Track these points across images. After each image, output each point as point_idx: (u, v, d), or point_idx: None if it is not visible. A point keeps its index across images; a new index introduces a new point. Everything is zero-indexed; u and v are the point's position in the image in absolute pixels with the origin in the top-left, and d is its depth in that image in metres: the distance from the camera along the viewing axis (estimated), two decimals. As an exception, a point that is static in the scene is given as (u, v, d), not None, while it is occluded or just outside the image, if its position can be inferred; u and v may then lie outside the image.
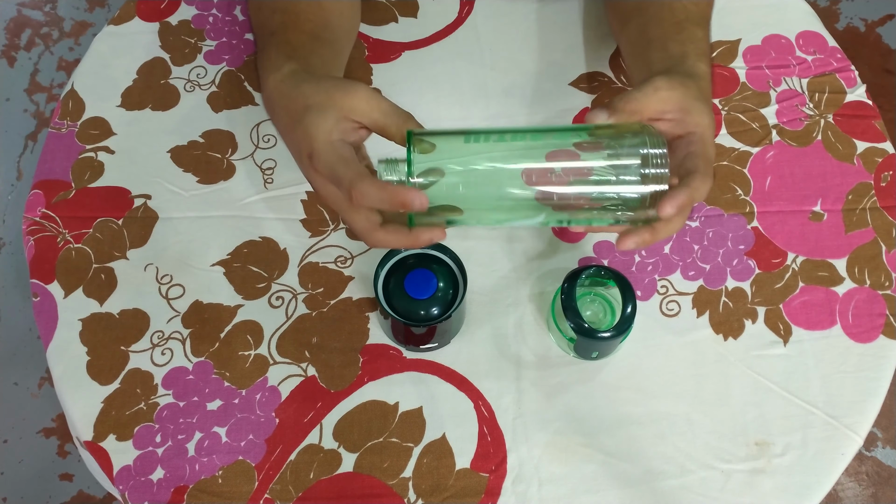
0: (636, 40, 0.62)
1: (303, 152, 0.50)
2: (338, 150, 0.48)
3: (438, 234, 0.49)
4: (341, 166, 0.48)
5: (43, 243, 0.65)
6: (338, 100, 0.49)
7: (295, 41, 0.57)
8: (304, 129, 0.49)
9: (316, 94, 0.50)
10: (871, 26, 1.54)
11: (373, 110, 0.49)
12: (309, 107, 0.50)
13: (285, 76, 0.53)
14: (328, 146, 0.48)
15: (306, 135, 0.49)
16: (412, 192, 0.45)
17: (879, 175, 0.68)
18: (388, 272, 0.57)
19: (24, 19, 1.58)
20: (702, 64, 0.56)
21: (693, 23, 0.59)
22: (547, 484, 0.57)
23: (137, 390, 0.60)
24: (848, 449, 0.58)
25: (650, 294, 0.64)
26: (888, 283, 0.64)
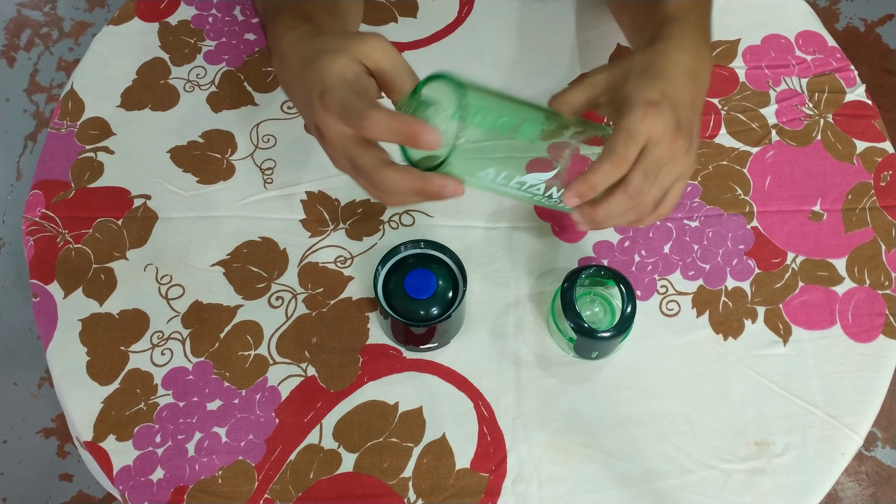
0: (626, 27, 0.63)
1: (313, 93, 0.48)
2: (351, 84, 0.47)
3: (453, 185, 0.45)
4: (355, 98, 0.46)
5: (43, 243, 0.65)
6: (354, 45, 0.48)
7: (309, 10, 0.56)
8: (316, 68, 0.48)
9: (331, 41, 0.49)
10: (871, 26, 1.54)
11: (386, 59, 0.48)
12: (324, 49, 0.48)
13: (302, 33, 0.52)
14: (341, 82, 0.47)
15: (319, 74, 0.47)
16: (425, 126, 0.43)
17: (879, 175, 0.68)
18: (387, 272, 0.57)
19: (23, 19, 1.58)
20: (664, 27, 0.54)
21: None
22: (547, 484, 0.57)
23: (137, 390, 0.60)
24: (848, 449, 0.58)
25: (650, 294, 0.64)
26: (888, 283, 0.64)
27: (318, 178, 0.68)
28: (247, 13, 0.77)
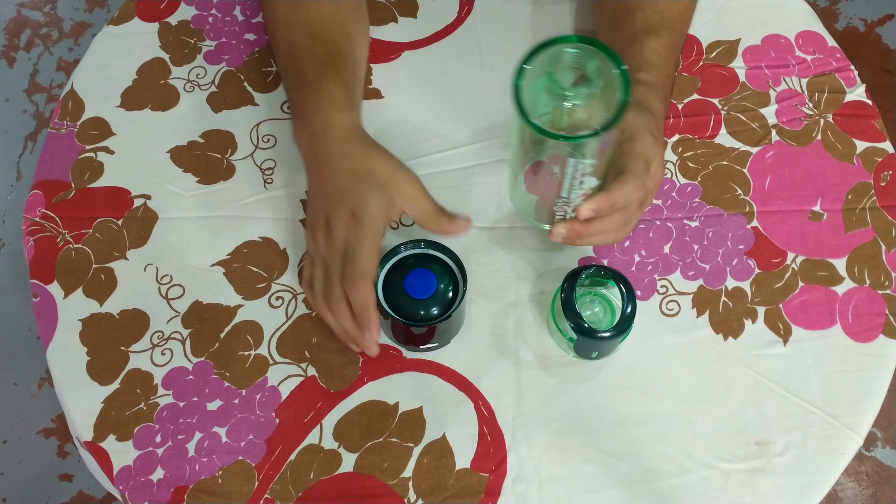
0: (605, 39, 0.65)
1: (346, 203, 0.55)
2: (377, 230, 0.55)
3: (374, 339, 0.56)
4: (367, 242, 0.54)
5: (43, 243, 0.65)
6: (398, 183, 0.56)
7: (348, 81, 0.62)
8: (362, 190, 0.55)
9: (382, 167, 0.56)
10: (871, 26, 1.54)
11: (417, 201, 0.56)
12: (372, 172, 0.55)
13: (353, 125, 0.59)
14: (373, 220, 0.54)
15: (361, 199, 0.54)
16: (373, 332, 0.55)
17: (879, 175, 0.68)
18: (387, 272, 0.57)
19: (23, 20, 1.58)
20: (641, 73, 0.58)
21: (648, 32, 0.61)
22: (547, 484, 0.57)
23: (137, 390, 0.60)
24: (848, 448, 0.58)
25: (650, 294, 0.64)
26: (888, 283, 0.64)
27: (318, 178, 0.68)
28: (247, 13, 0.77)
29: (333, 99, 0.58)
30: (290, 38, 0.64)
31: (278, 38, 0.67)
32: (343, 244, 0.55)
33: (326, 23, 0.63)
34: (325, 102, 0.58)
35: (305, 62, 0.62)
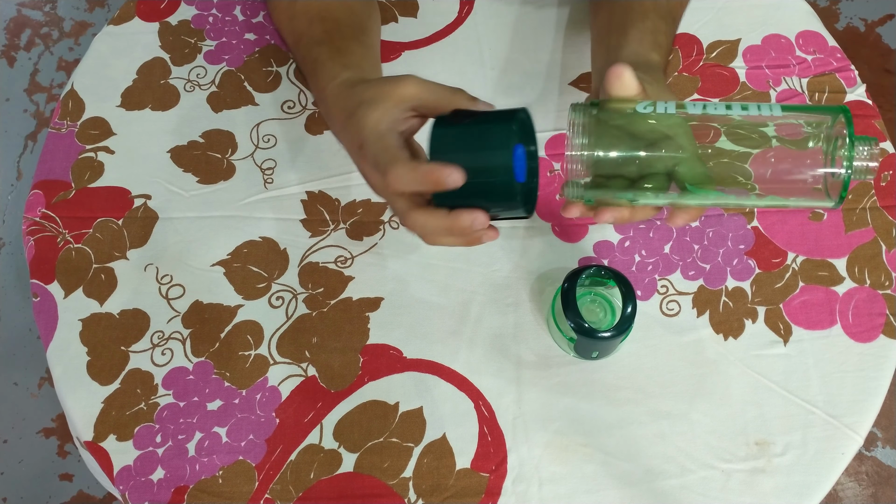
0: (602, 27, 0.63)
1: (354, 144, 0.51)
2: (383, 137, 0.49)
3: (480, 217, 0.47)
4: (382, 153, 0.48)
5: (43, 243, 0.65)
6: (388, 91, 0.50)
7: (345, 49, 0.60)
8: (355, 121, 0.51)
9: (368, 90, 0.52)
10: (871, 26, 1.54)
11: (422, 92, 0.50)
12: (361, 102, 0.51)
13: (343, 81, 0.55)
14: (374, 134, 0.49)
15: (357, 126, 0.50)
16: (445, 169, 0.44)
17: (879, 174, 0.68)
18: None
19: (23, 19, 1.58)
20: (655, 55, 0.57)
21: (658, 15, 0.60)
22: (547, 484, 0.57)
23: (137, 390, 0.60)
24: (848, 448, 0.58)
25: (650, 294, 0.64)
26: (888, 283, 0.64)
27: (318, 178, 0.68)
28: (247, 13, 0.77)
29: (328, 73, 0.57)
30: (293, 28, 0.64)
31: (285, 33, 0.66)
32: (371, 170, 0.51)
33: (325, 4, 0.63)
34: (322, 80, 0.57)
35: (306, 48, 0.61)
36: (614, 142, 0.45)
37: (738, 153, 0.45)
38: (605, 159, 0.45)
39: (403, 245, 0.65)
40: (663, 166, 0.45)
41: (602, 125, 0.45)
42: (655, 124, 0.45)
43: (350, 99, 0.53)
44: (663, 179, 0.45)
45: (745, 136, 0.45)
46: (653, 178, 0.45)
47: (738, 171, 0.45)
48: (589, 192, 0.46)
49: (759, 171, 0.44)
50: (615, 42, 0.59)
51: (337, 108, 0.54)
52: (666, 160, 0.45)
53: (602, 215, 0.49)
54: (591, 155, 0.45)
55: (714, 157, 0.45)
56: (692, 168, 0.45)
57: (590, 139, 0.45)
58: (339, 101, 0.54)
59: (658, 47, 0.58)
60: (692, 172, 0.44)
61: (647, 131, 0.45)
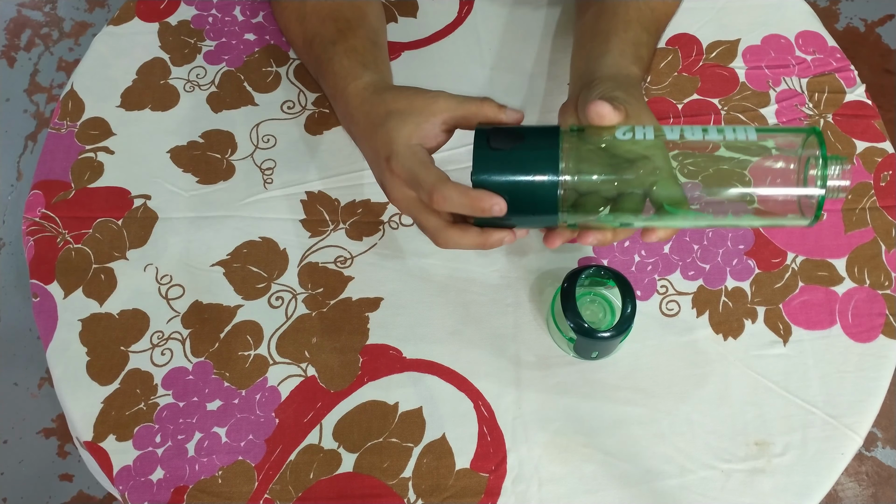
0: (585, 30, 0.63)
1: (381, 155, 0.51)
2: (416, 153, 0.50)
3: (508, 236, 0.49)
4: (422, 169, 0.49)
5: (43, 244, 0.65)
6: (420, 106, 0.51)
7: (360, 47, 0.60)
8: (384, 132, 0.51)
9: (397, 101, 0.52)
10: (871, 26, 1.54)
11: (453, 107, 0.50)
12: (391, 112, 0.51)
13: (367, 84, 0.55)
14: (407, 149, 0.50)
15: (386, 138, 0.50)
16: (491, 199, 0.46)
17: (879, 175, 0.68)
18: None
19: (24, 19, 1.58)
20: (635, 67, 0.57)
21: (642, 26, 0.60)
22: (547, 484, 0.57)
23: (137, 390, 0.60)
24: (848, 449, 0.58)
25: (650, 294, 0.64)
26: (888, 283, 0.64)
27: (318, 178, 0.68)
28: (247, 13, 0.77)
29: (346, 72, 0.57)
30: (304, 29, 0.64)
31: (294, 35, 0.66)
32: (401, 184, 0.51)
33: (335, 4, 0.63)
34: (341, 79, 0.57)
35: (319, 47, 0.61)
36: (595, 168, 0.46)
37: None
38: (588, 184, 0.46)
39: (403, 245, 0.65)
40: (643, 189, 0.46)
41: (582, 151, 0.46)
42: (634, 147, 0.46)
43: (376, 106, 0.53)
44: (642, 201, 0.46)
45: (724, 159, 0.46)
46: (632, 200, 0.46)
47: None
48: (571, 217, 0.47)
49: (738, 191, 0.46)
50: (597, 50, 0.59)
51: (361, 112, 0.54)
52: (646, 183, 0.46)
53: (585, 238, 0.49)
54: (573, 181, 0.46)
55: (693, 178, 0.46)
56: (670, 189, 0.45)
57: (570, 165, 0.46)
58: (363, 106, 0.54)
59: (639, 60, 0.58)
60: (670, 193, 0.45)
61: (626, 153, 0.46)
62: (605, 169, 0.46)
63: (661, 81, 0.72)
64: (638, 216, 0.46)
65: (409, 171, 0.49)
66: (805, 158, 0.44)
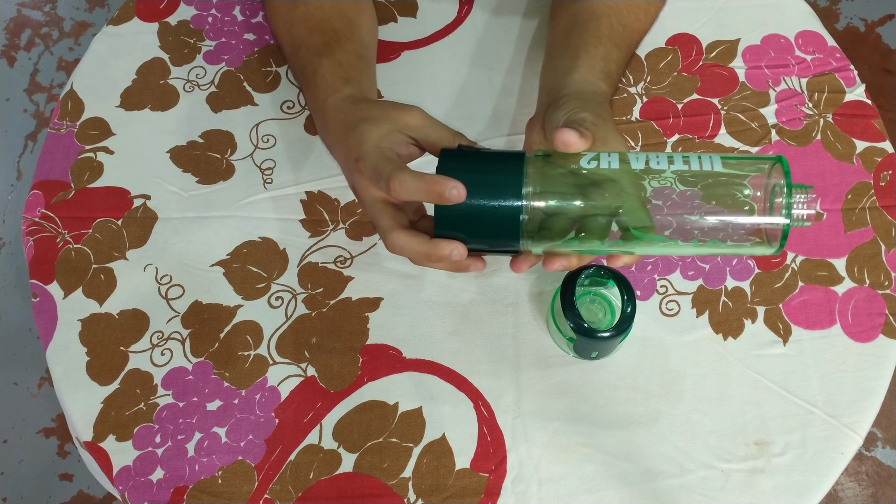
0: (556, 44, 0.64)
1: (351, 157, 0.51)
2: (384, 151, 0.50)
3: (459, 248, 0.47)
4: (384, 163, 0.49)
5: (42, 244, 0.65)
6: (393, 115, 0.51)
7: (345, 62, 0.60)
8: (356, 135, 0.51)
9: (373, 110, 0.53)
10: (871, 26, 1.54)
11: (426, 126, 0.51)
12: (364, 118, 0.52)
13: (345, 97, 0.56)
14: (375, 150, 0.50)
15: (357, 140, 0.51)
16: (448, 182, 0.44)
17: (879, 174, 0.68)
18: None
19: (24, 19, 1.58)
20: (603, 84, 0.57)
21: (613, 42, 0.60)
22: (547, 484, 0.57)
23: (137, 391, 0.60)
24: (847, 448, 0.58)
25: (650, 294, 0.64)
26: (888, 283, 0.64)
27: (318, 178, 0.68)
28: (246, 13, 0.77)
29: (328, 85, 0.58)
30: (292, 36, 0.64)
31: (282, 40, 0.67)
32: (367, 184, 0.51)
33: (324, 14, 0.63)
34: (321, 91, 0.58)
35: (305, 57, 0.62)
36: (560, 193, 0.46)
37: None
38: (553, 210, 0.46)
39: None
40: (609, 213, 0.46)
41: (547, 176, 0.46)
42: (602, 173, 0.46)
43: (352, 114, 0.53)
44: (608, 226, 0.46)
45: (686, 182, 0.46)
46: (598, 224, 0.46)
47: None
48: (536, 243, 0.47)
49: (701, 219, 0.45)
50: (566, 65, 0.58)
51: (335, 120, 0.55)
52: (611, 209, 0.46)
53: (551, 265, 0.49)
54: (538, 206, 0.45)
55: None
56: (637, 215, 0.45)
57: (535, 190, 0.46)
58: (338, 115, 0.55)
59: (608, 76, 0.58)
60: (637, 219, 0.45)
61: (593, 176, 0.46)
62: (571, 194, 0.46)
63: (661, 81, 0.72)
64: (604, 241, 0.46)
65: (373, 167, 0.49)
66: (771, 186, 0.44)
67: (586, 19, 0.62)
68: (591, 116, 0.51)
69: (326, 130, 0.56)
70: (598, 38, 0.60)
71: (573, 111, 0.52)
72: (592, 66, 0.58)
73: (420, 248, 0.49)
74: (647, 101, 0.71)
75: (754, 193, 0.45)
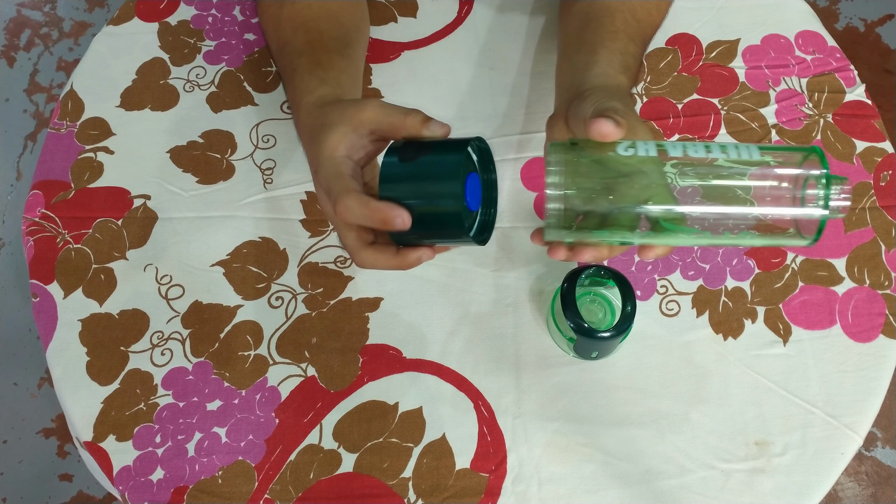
0: (570, 41, 0.63)
1: (312, 167, 0.52)
2: (337, 164, 0.49)
3: (427, 253, 0.49)
4: (335, 180, 0.48)
5: (42, 244, 0.65)
6: (348, 115, 0.51)
7: (325, 61, 0.60)
8: (315, 144, 0.51)
9: (332, 113, 0.52)
10: (871, 26, 1.54)
11: (379, 116, 0.50)
12: (324, 125, 0.51)
13: (317, 98, 0.56)
14: (329, 161, 0.50)
15: (316, 150, 0.51)
16: (394, 210, 0.45)
17: (879, 174, 0.68)
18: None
19: (23, 19, 1.58)
20: (623, 77, 0.57)
21: (629, 36, 0.60)
22: (547, 484, 0.57)
23: (137, 391, 0.60)
24: (847, 448, 0.58)
25: (650, 294, 0.64)
26: (888, 283, 0.64)
27: (317, 178, 0.68)
28: (247, 13, 0.77)
29: (304, 85, 0.57)
30: (279, 35, 0.64)
31: (270, 39, 0.67)
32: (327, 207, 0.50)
33: (311, 14, 0.63)
34: (299, 92, 0.57)
35: (288, 57, 0.62)
36: (595, 184, 0.45)
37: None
38: (587, 202, 0.45)
39: (403, 245, 0.65)
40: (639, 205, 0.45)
41: (582, 167, 0.45)
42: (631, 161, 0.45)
43: (317, 119, 0.53)
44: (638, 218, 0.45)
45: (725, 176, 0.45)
46: (631, 217, 0.45)
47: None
48: (570, 234, 0.46)
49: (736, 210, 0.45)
50: (583, 61, 0.58)
51: (305, 125, 0.55)
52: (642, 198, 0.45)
53: (582, 255, 0.49)
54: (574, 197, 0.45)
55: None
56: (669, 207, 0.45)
57: (569, 181, 0.45)
58: (308, 120, 0.54)
59: (627, 70, 0.58)
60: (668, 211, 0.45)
61: (622, 167, 0.45)
62: (608, 185, 0.45)
63: (661, 81, 0.72)
64: (634, 233, 0.46)
65: (327, 182, 0.49)
66: (804, 177, 0.44)
67: (600, 15, 0.62)
68: (621, 105, 0.50)
69: (301, 137, 0.57)
70: (615, 33, 0.60)
71: (601, 101, 0.51)
72: (611, 60, 0.57)
73: (389, 262, 0.50)
74: (647, 101, 0.71)
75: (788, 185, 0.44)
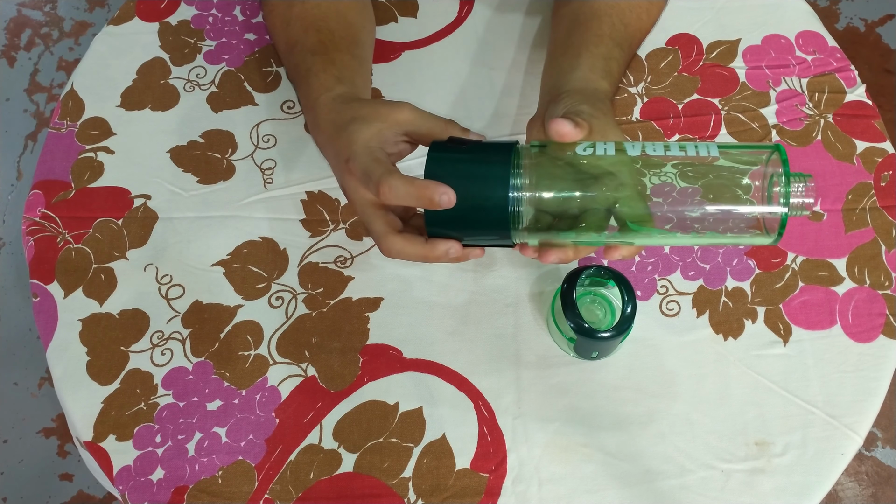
0: (558, 45, 0.64)
1: (341, 157, 0.51)
2: (373, 152, 0.50)
3: (455, 246, 0.48)
4: (373, 164, 0.48)
5: (43, 243, 0.65)
6: (384, 112, 0.51)
7: (339, 62, 0.60)
8: (347, 135, 0.51)
9: (363, 108, 0.52)
10: (871, 26, 1.54)
11: (416, 119, 0.51)
12: (354, 118, 0.52)
13: (336, 96, 0.56)
14: (365, 149, 0.50)
15: (347, 140, 0.51)
16: (438, 188, 0.45)
17: (879, 175, 0.68)
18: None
19: (24, 19, 1.58)
20: (604, 82, 0.57)
21: (614, 42, 0.60)
22: (547, 484, 0.57)
23: (137, 390, 0.60)
24: (848, 449, 0.58)
25: (650, 294, 0.64)
26: (888, 283, 0.64)
27: (318, 178, 0.68)
28: (247, 13, 0.77)
29: (322, 84, 0.58)
30: (288, 34, 0.64)
31: (278, 38, 0.67)
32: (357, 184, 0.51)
33: (321, 13, 0.63)
34: (314, 90, 0.58)
35: (299, 56, 0.62)
36: (557, 184, 0.46)
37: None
38: (549, 201, 0.45)
39: (403, 245, 0.65)
40: (605, 206, 0.45)
41: (543, 168, 0.46)
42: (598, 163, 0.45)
43: (342, 114, 0.53)
44: (606, 218, 0.46)
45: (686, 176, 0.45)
46: (595, 217, 0.46)
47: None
48: (532, 236, 0.47)
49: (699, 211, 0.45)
50: (567, 64, 0.59)
51: (327, 120, 0.55)
52: (608, 200, 0.45)
53: (547, 257, 0.49)
54: (533, 197, 0.45)
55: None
56: (634, 206, 0.45)
57: (530, 181, 0.45)
58: (329, 115, 0.54)
59: (609, 75, 0.58)
60: (634, 210, 0.45)
61: (590, 169, 0.46)
62: (568, 185, 0.46)
63: (661, 81, 0.72)
64: (601, 233, 0.46)
65: (363, 168, 0.49)
66: (769, 175, 0.44)
67: (588, 18, 0.62)
68: (589, 109, 0.51)
69: (318, 129, 0.57)
70: (600, 38, 0.60)
71: (572, 105, 0.52)
72: (593, 65, 0.58)
73: (417, 251, 0.49)
74: (647, 101, 0.71)
75: (752, 183, 0.45)
